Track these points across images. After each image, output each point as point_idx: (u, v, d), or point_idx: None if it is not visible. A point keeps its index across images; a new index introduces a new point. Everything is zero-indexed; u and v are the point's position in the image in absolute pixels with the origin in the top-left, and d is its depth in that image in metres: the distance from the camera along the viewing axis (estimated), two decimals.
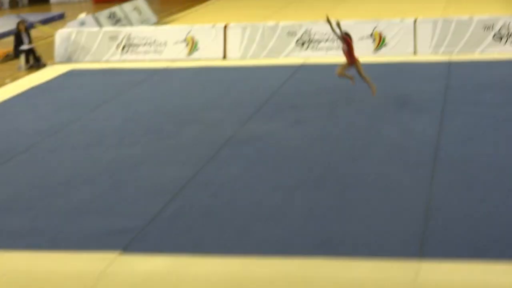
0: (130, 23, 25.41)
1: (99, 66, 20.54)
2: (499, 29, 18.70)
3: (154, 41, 20.93)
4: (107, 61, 20.95)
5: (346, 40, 14.63)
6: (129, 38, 21.08)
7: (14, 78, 19.79)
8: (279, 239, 8.97)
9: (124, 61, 20.78)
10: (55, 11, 33.24)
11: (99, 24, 23.60)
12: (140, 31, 21.37)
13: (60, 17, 31.03)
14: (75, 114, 15.37)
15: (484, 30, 18.79)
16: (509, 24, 18.64)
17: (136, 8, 26.84)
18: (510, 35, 18.65)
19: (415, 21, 19.30)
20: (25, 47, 20.95)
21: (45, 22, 29.07)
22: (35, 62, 20.95)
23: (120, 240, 9.23)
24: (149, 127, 14.08)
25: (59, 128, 14.40)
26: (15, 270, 8.72)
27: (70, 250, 9.07)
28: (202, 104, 15.55)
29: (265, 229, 9.28)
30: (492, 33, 18.75)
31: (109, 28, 22.36)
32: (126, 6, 26.46)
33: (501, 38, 18.73)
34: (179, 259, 8.69)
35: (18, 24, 21.53)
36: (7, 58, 22.38)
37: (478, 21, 18.80)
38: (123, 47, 21.08)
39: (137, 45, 21.05)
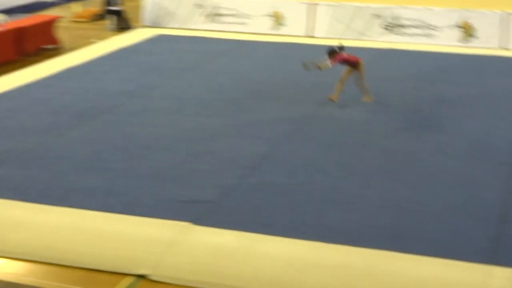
0: None
1: (185, 33, 20.68)
2: None
3: (240, 13, 20.93)
4: (193, 28, 21.05)
5: (340, 59, 13.65)
6: (215, 7, 21.12)
7: (102, 38, 20.09)
8: (350, 227, 8.91)
9: (209, 30, 20.83)
10: None
11: None
12: (226, 1, 21.38)
13: None
14: (159, 79, 15.54)
15: None
16: None
17: None
18: None
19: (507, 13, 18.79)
20: (114, 8, 21.20)
21: None
22: (123, 24, 21.20)
23: (192, 211, 9.30)
24: (230, 99, 14.12)
25: (143, 92, 14.57)
26: (90, 229, 8.88)
27: (143, 215, 9.19)
28: (285, 80, 15.50)
29: (337, 216, 9.22)
30: None
31: None
32: None
33: None
34: (249, 236, 8.71)
35: None
36: (96, 18, 22.70)
37: None
38: (209, 16, 21.13)
39: (223, 15, 21.08)
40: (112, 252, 8.42)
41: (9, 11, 22.61)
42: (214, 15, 21.12)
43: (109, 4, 21.38)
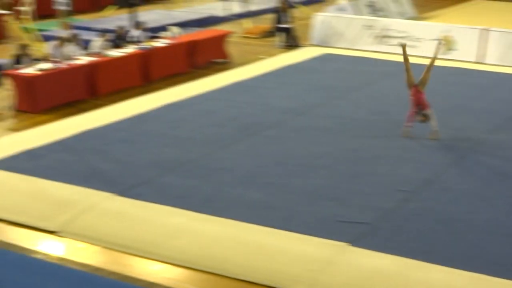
0: (388, 14, 25.25)
1: (352, 53, 20.64)
2: None
3: (410, 35, 20.65)
4: (360, 49, 20.99)
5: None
6: (384, 29, 20.97)
7: (270, 55, 20.40)
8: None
9: (376, 51, 20.70)
10: None
11: (358, 11, 23.68)
12: (396, 24, 21.18)
13: (321, 0, 31.47)
14: (323, 98, 15.57)
15: None
16: None
17: (397, 0, 26.58)
18: None
19: None
20: (284, 25, 21.48)
21: (306, 3, 29.63)
22: (292, 41, 21.44)
23: (350, 231, 9.23)
24: (394, 121, 13.93)
25: (307, 109, 14.65)
26: (248, 241, 8.99)
27: (301, 232, 9.21)
28: (452, 105, 15.13)
29: (501, 249, 8.86)
30: None
31: (366, 17, 22.38)
32: None
33: None
34: (406, 262, 8.53)
35: (281, 2, 22.09)
36: (266, 34, 23.08)
37: None
38: (378, 37, 21.00)
39: (392, 37, 20.87)
40: (269, 266, 8.48)
41: (183, 25, 23.42)
42: (383, 37, 20.96)
43: (279, 21, 21.68)
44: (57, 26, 20.93)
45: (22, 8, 24.96)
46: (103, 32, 17.72)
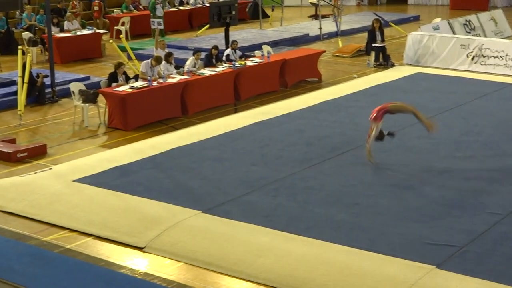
0: (483, 33, 24.74)
1: (444, 72, 20.28)
2: None
3: (507, 55, 20.17)
4: (454, 69, 20.62)
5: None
6: (480, 48, 20.54)
7: (361, 74, 20.29)
8: None
9: (471, 71, 20.29)
10: (411, 13, 33.45)
11: (453, 31, 23.29)
12: (493, 43, 20.72)
13: (415, 19, 31.16)
14: (414, 118, 15.23)
15: None
16: None
17: (493, 19, 26.03)
18: None
19: None
20: (377, 44, 21.33)
21: (400, 22, 29.37)
22: (384, 60, 21.26)
23: (437, 254, 9.04)
24: (486, 142, 13.61)
25: (398, 129, 14.38)
26: (333, 261, 8.91)
27: (386, 254, 9.07)
28: None
29: None
30: None
31: (462, 36, 21.98)
32: (483, 16, 25.75)
33: None
34: (494, 286, 8.28)
35: (373, 21, 21.94)
36: (358, 53, 22.96)
37: None
38: (473, 57, 20.60)
39: (488, 57, 20.44)
40: (354, 287, 8.37)
41: (275, 44, 23.57)
42: (479, 57, 20.52)
43: (372, 40, 21.52)
44: (151, 45, 21.37)
45: (119, 27, 25.67)
46: (197, 51, 17.97)
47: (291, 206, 10.63)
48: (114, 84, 15.48)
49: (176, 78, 16.18)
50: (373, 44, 21.39)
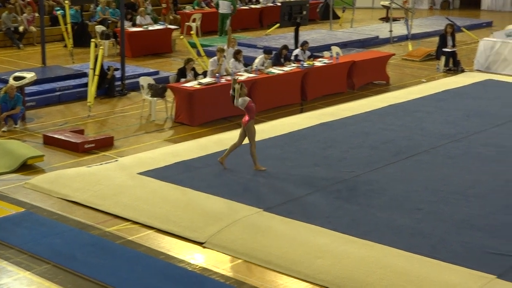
0: None
1: None
2: None
3: None
4: None
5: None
6: None
7: (430, 78, 20.02)
8: None
9: None
10: (483, 18, 32.88)
11: None
12: None
13: (488, 25, 30.61)
14: (483, 125, 15.07)
15: None
16: None
17: None
18: None
19: None
20: (447, 49, 21.01)
21: (472, 27, 28.89)
22: (454, 66, 20.94)
23: (500, 264, 8.86)
24: None
25: (464, 136, 14.24)
26: (392, 266, 8.81)
27: (447, 261, 8.93)
28: None
29: None
30: None
31: None
32: None
33: None
34: None
35: (446, 26, 21.58)
36: (428, 57, 22.67)
37: None
38: None
39: None
40: None
41: (345, 45, 23.45)
42: None
43: (442, 45, 21.17)
44: (221, 42, 21.48)
45: (190, 24, 25.88)
46: (266, 49, 17.98)
47: (353, 209, 10.55)
48: (182, 80, 15.60)
49: (244, 75, 16.22)
50: (444, 49, 21.08)
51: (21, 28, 23.43)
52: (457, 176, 12.01)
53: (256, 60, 17.37)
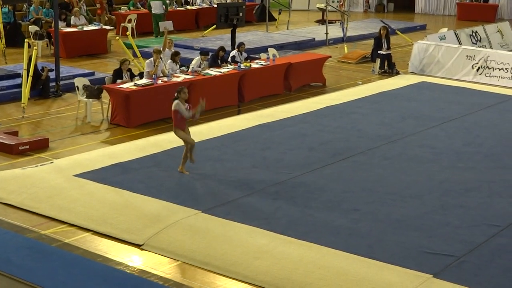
0: (490, 45, 24.75)
1: (450, 83, 20.28)
2: None
3: (511, 68, 20.20)
4: (459, 79, 20.63)
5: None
6: (486, 60, 20.55)
7: (366, 80, 20.30)
8: None
9: (476, 82, 20.30)
10: (417, 22, 33.42)
11: (459, 41, 23.30)
12: (498, 55, 20.72)
13: (422, 28, 31.15)
14: (417, 126, 15.35)
15: None
16: None
17: (500, 31, 26.04)
18: None
19: None
20: (382, 52, 21.32)
21: (406, 31, 29.37)
22: (389, 68, 21.26)
23: (435, 263, 9.05)
24: (488, 154, 13.62)
25: (399, 137, 14.47)
26: (330, 267, 8.91)
27: (384, 261, 9.08)
28: None
29: None
30: None
31: (468, 47, 21.98)
32: (490, 28, 25.75)
33: None
34: None
35: (381, 28, 21.91)
36: (363, 60, 22.96)
37: None
38: (478, 68, 20.61)
39: (493, 69, 20.45)
40: None
41: (281, 47, 23.59)
42: (484, 68, 20.52)
43: (377, 47, 21.49)
44: (157, 43, 21.39)
45: (125, 25, 25.70)
46: (203, 51, 17.98)
47: (291, 210, 10.63)
48: (118, 81, 15.50)
49: (181, 77, 16.20)
50: (379, 51, 21.38)
51: None
52: (393, 177, 12.21)
53: (193, 61, 17.35)
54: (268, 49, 21.29)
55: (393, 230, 10.04)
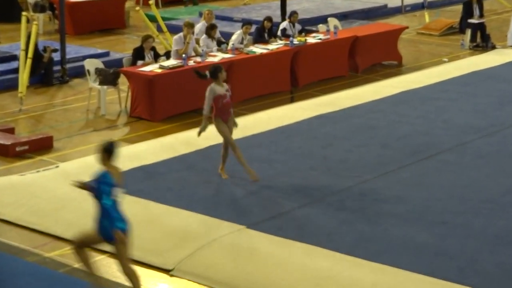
0: None
1: None
2: None
3: None
4: None
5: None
6: None
7: (453, 57, 20.15)
8: None
9: None
10: None
11: None
12: None
13: None
14: None
15: None
16: None
17: None
18: None
19: None
20: (474, 20, 21.11)
21: None
22: (482, 41, 21.05)
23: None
24: None
25: (498, 129, 14.35)
26: (338, 274, 8.90)
27: (479, 287, 9.04)
28: None
29: None
30: None
31: None
32: None
33: None
34: None
35: None
36: (450, 31, 22.80)
37: None
38: None
39: None
40: None
41: (344, 17, 23.51)
42: None
43: (467, 15, 21.26)
44: (187, 15, 21.48)
45: None
46: (246, 23, 17.95)
47: (359, 224, 10.61)
48: (140, 63, 15.58)
49: (218, 56, 16.24)
50: (469, 20, 21.21)
51: None
52: (489, 180, 12.11)
53: (233, 37, 17.39)
54: (328, 19, 21.27)
55: (490, 248, 9.96)
